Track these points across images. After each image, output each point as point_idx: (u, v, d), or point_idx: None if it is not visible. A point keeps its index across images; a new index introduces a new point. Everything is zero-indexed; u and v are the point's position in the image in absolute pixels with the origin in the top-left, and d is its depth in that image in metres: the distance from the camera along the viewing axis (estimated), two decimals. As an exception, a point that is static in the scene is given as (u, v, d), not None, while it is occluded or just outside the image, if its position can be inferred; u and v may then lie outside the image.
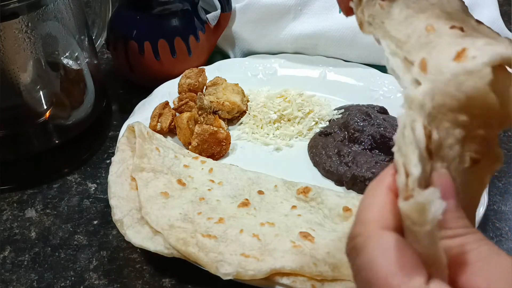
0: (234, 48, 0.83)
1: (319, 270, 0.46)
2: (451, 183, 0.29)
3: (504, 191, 0.62)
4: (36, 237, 0.57)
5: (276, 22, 0.79)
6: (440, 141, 0.29)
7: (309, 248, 0.48)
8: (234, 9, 0.80)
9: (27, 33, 0.56)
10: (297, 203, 0.55)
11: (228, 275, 0.45)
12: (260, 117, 0.70)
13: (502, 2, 1.01)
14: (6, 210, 0.60)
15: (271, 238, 0.49)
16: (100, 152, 0.68)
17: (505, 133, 0.71)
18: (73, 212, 0.60)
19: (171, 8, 0.74)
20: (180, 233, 0.48)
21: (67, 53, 0.63)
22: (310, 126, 0.69)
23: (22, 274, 0.53)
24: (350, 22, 0.77)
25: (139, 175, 0.55)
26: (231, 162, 0.62)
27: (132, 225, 0.51)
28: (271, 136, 0.68)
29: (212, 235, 0.49)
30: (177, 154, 0.60)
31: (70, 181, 0.64)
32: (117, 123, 0.73)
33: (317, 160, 0.64)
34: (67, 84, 0.64)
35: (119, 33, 0.75)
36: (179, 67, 0.75)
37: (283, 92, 0.72)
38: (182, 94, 0.71)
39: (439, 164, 0.29)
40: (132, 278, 0.52)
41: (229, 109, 0.69)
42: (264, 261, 0.46)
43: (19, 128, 0.63)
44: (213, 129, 0.64)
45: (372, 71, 0.77)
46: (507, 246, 0.54)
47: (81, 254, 0.55)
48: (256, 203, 0.55)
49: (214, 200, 0.54)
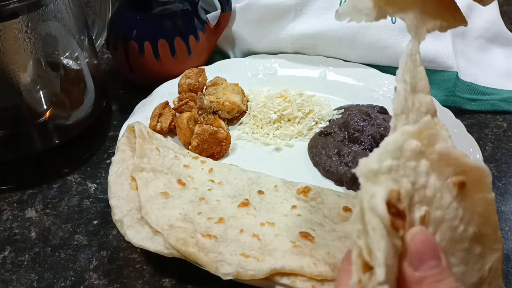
0: (234, 48, 0.83)
1: (319, 270, 0.46)
2: (428, 241, 0.28)
3: (504, 191, 0.62)
4: (36, 237, 0.57)
5: (276, 22, 0.79)
6: (412, 189, 0.29)
7: (309, 248, 0.48)
8: (234, 9, 0.80)
9: (27, 33, 0.56)
10: (297, 203, 0.55)
11: (228, 275, 0.45)
12: (260, 117, 0.70)
13: (502, 2, 1.01)
14: (6, 210, 0.60)
15: (271, 238, 0.49)
16: (100, 152, 0.68)
17: (505, 133, 0.71)
18: (73, 212, 0.60)
19: (171, 8, 0.74)
20: (180, 233, 0.48)
21: (67, 53, 0.63)
22: (310, 126, 0.69)
23: (22, 274, 0.53)
24: (350, 22, 0.78)
25: (139, 175, 0.55)
26: (231, 162, 0.62)
27: (132, 225, 0.51)
28: (271, 136, 0.68)
29: (212, 235, 0.49)
30: (177, 154, 0.60)
31: (70, 181, 0.64)
32: (117, 123, 0.73)
33: (317, 160, 0.64)
34: (67, 84, 0.64)
35: (119, 33, 0.75)
36: (179, 67, 0.75)
37: (283, 92, 0.72)
38: (182, 94, 0.71)
39: (418, 213, 0.29)
40: (132, 278, 0.52)
41: (229, 109, 0.69)
42: (264, 261, 0.46)
43: (19, 128, 0.63)
44: (213, 129, 0.64)
45: (372, 71, 0.77)
46: (507, 246, 0.54)
47: (81, 254, 0.55)
48: (256, 203, 0.55)
49: (214, 200, 0.54)
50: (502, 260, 0.35)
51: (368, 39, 0.77)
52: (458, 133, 0.63)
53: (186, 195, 0.54)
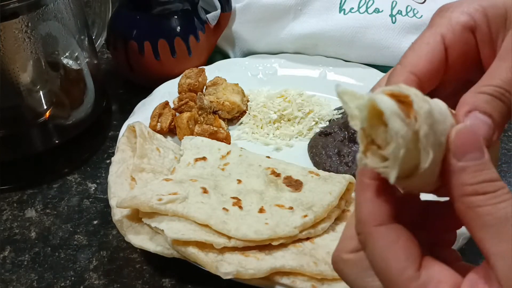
0: (234, 48, 0.83)
1: (319, 269, 0.46)
2: (472, 134, 0.29)
3: (504, 191, 0.62)
4: (36, 237, 0.57)
5: (276, 22, 0.79)
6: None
7: (309, 248, 0.48)
8: (234, 9, 0.80)
9: (27, 33, 0.56)
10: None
11: (228, 275, 0.45)
12: (260, 117, 0.70)
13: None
14: (6, 210, 0.60)
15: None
16: (100, 152, 0.68)
17: (505, 133, 0.71)
18: (73, 212, 0.60)
19: (171, 8, 0.74)
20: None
21: (67, 53, 0.63)
22: (310, 126, 0.69)
23: (22, 274, 0.53)
24: (350, 22, 0.78)
25: (139, 176, 0.55)
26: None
27: (132, 225, 0.51)
28: (271, 136, 0.68)
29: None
30: (176, 155, 0.60)
31: (70, 181, 0.64)
32: (117, 123, 0.73)
33: (317, 160, 0.64)
34: (67, 84, 0.64)
35: (119, 33, 0.75)
36: (179, 67, 0.75)
37: (283, 92, 0.72)
38: (182, 94, 0.71)
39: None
40: (132, 278, 0.52)
41: (229, 109, 0.69)
42: (264, 260, 0.46)
43: (19, 128, 0.63)
44: (213, 129, 0.64)
45: (372, 71, 0.77)
46: (507, 246, 0.54)
47: (81, 254, 0.55)
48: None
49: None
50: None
51: (368, 39, 0.76)
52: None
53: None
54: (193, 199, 0.50)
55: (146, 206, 0.49)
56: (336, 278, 0.46)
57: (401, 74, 0.35)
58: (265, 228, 0.48)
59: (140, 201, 0.49)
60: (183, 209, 0.49)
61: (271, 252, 0.48)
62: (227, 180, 0.54)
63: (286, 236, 0.48)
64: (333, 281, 0.46)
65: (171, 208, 0.49)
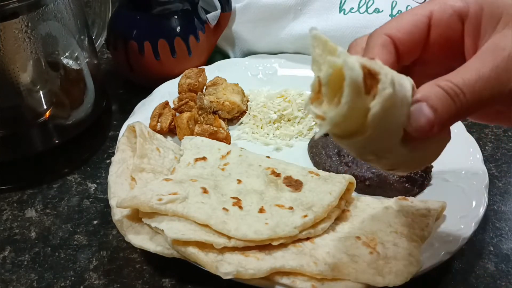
0: (234, 48, 0.83)
1: (319, 269, 0.46)
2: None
3: (504, 191, 0.62)
4: (36, 237, 0.57)
5: (276, 22, 0.79)
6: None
7: (309, 248, 0.48)
8: (234, 9, 0.80)
9: (27, 33, 0.56)
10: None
11: (228, 275, 0.45)
12: (260, 117, 0.70)
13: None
14: (6, 210, 0.60)
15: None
16: (100, 152, 0.68)
17: (505, 133, 0.71)
18: (73, 212, 0.60)
19: (171, 8, 0.74)
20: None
21: (67, 53, 0.63)
22: (310, 126, 0.69)
23: (22, 274, 0.53)
24: (350, 22, 0.78)
25: (139, 176, 0.55)
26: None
27: (132, 225, 0.51)
28: (271, 136, 0.68)
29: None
30: (176, 155, 0.60)
31: (70, 181, 0.64)
32: (117, 123, 0.73)
33: (317, 160, 0.64)
34: (67, 84, 0.64)
35: (119, 33, 0.75)
36: (179, 67, 0.75)
37: (283, 92, 0.72)
38: (182, 94, 0.71)
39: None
40: (132, 278, 0.52)
41: (229, 109, 0.69)
42: (264, 260, 0.46)
43: (19, 128, 0.63)
44: (213, 129, 0.64)
45: (372, 71, 0.77)
46: (507, 246, 0.54)
47: (81, 254, 0.55)
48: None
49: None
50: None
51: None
52: (457, 133, 0.63)
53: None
54: (193, 199, 0.50)
55: (146, 206, 0.49)
56: (336, 278, 0.46)
57: (379, 36, 0.37)
58: (265, 228, 0.48)
59: (140, 201, 0.49)
60: (183, 209, 0.49)
61: (271, 252, 0.48)
62: (227, 180, 0.55)
63: (286, 236, 0.48)
64: (333, 281, 0.46)
65: (171, 208, 0.49)
